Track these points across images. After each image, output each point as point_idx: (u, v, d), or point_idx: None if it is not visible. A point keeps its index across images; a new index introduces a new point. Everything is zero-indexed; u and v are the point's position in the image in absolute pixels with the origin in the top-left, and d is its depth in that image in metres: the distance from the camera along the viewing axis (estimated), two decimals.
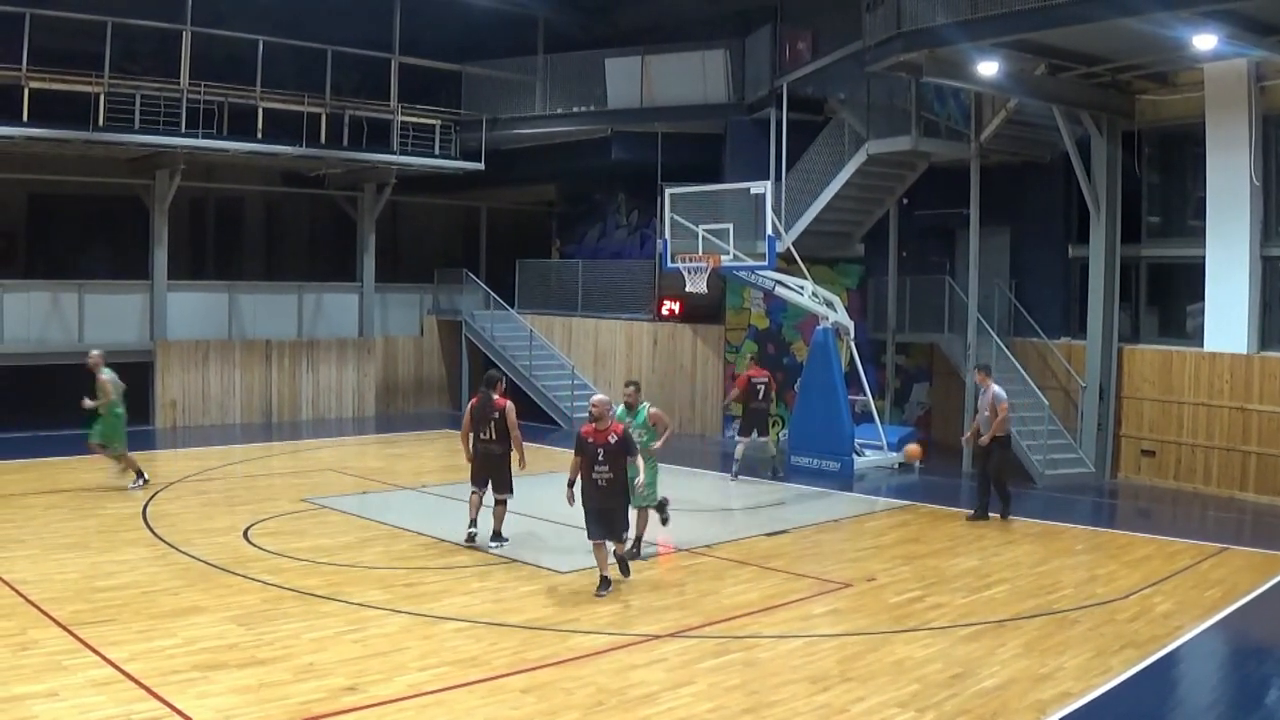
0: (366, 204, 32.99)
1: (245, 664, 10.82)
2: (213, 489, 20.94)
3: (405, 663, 10.96)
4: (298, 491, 20.40)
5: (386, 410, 33.20)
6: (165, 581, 13.86)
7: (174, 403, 29.33)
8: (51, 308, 28.53)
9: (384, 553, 15.79)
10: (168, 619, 12.20)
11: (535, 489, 17.68)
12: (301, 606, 12.84)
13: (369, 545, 16.26)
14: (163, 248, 29.56)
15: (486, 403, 16.01)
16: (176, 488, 20.56)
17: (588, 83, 31.60)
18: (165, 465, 23.19)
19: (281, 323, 31.96)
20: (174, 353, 29.59)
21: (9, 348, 27.59)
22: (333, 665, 10.82)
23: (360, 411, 32.48)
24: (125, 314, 29.61)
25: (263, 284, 32.55)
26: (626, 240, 33.67)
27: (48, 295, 28.53)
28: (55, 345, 28.01)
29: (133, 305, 29.68)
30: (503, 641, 11.69)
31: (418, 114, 31.67)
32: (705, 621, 12.55)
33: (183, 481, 21.26)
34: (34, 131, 26.41)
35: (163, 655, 11.00)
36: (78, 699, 9.85)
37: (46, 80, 26.39)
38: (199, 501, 19.56)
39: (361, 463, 24.53)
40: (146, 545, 15.97)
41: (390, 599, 13.19)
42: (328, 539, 16.56)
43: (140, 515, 17.88)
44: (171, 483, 21.06)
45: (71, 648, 11.18)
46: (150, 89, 27.64)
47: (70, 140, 27.06)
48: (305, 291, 32.58)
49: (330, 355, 32.14)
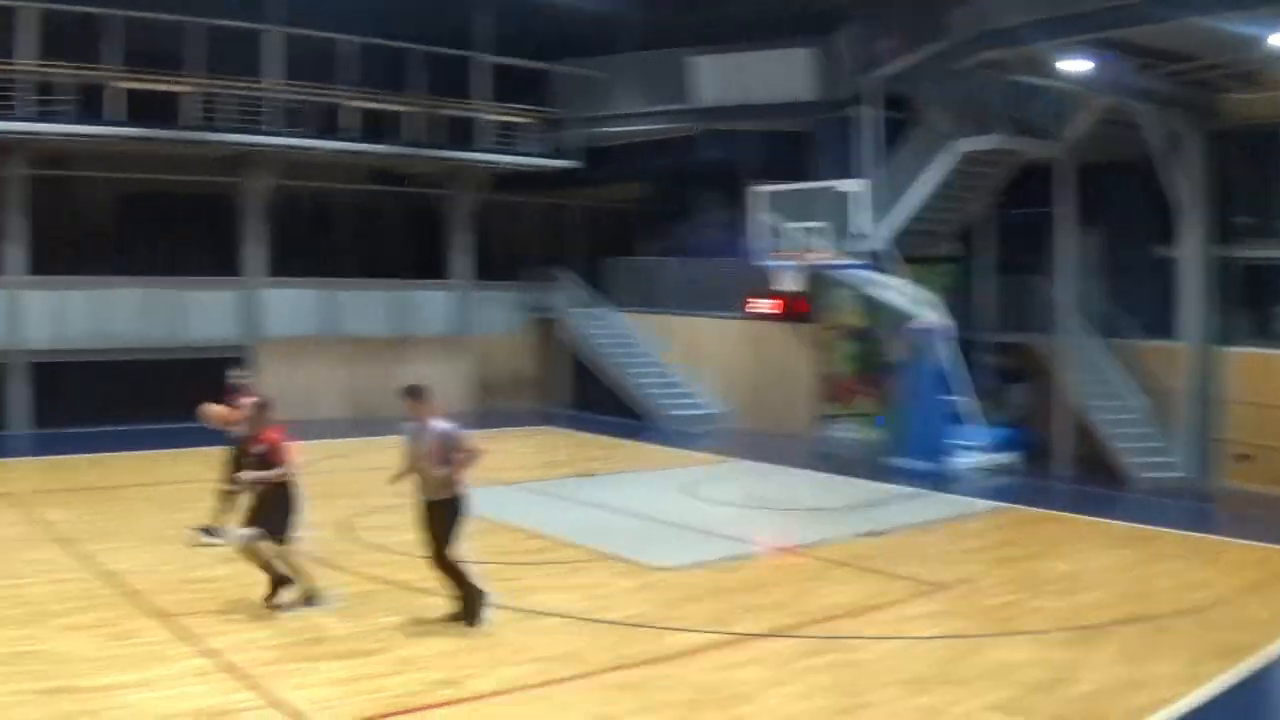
0: (458, 202, 33.29)
1: (343, 656, 11.03)
2: (310, 483, 21.02)
3: (502, 658, 11.07)
4: (394, 488, 20.54)
5: (484, 407, 33.23)
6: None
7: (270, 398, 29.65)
8: (149, 305, 29.13)
9: (483, 546, 15.56)
10: (269, 610, 12.43)
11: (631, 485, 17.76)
12: (400, 599, 13.03)
13: (466, 539, 16.40)
14: (255, 245, 30.16)
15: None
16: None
17: (673, 80, 31.58)
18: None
19: (377, 320, 32.35)
20: (271, 349, 30.04)
21: (112, 343, 28.15)
22: (430, 659, 10.96)
23: (455, 408, 32.35)
24: (222, 310, 30.19)
25: (358, 281, 32.90)
26: (716, 238, 33.72)
27: (145, 292, 29.14)
28: (155, 341, 28.62)
29: (229, 302, 30.23)
30: (600, 638, 11.76)
31: (507, 112, 31.91)
32: (802, 621, 12.56)
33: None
34: (125, 131, 27.11)
35: (263, 646, 11.24)
36: (177, 688, 10.08)
37: (137, 80, 26.93)
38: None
39: None
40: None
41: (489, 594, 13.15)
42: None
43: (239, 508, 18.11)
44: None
45: (171, 637, 11.43)
46: (239, 88, 28.10)
47: (160, 140, 27.63)
48: (399, 289, 32.98)
49: (425, 352, 32.39)
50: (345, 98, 29.78)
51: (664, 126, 32.20)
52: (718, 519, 18.36)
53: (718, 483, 21.66)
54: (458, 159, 31.67)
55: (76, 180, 30.14)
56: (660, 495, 19.45)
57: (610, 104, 32.76)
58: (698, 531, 17.31)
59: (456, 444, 12.17)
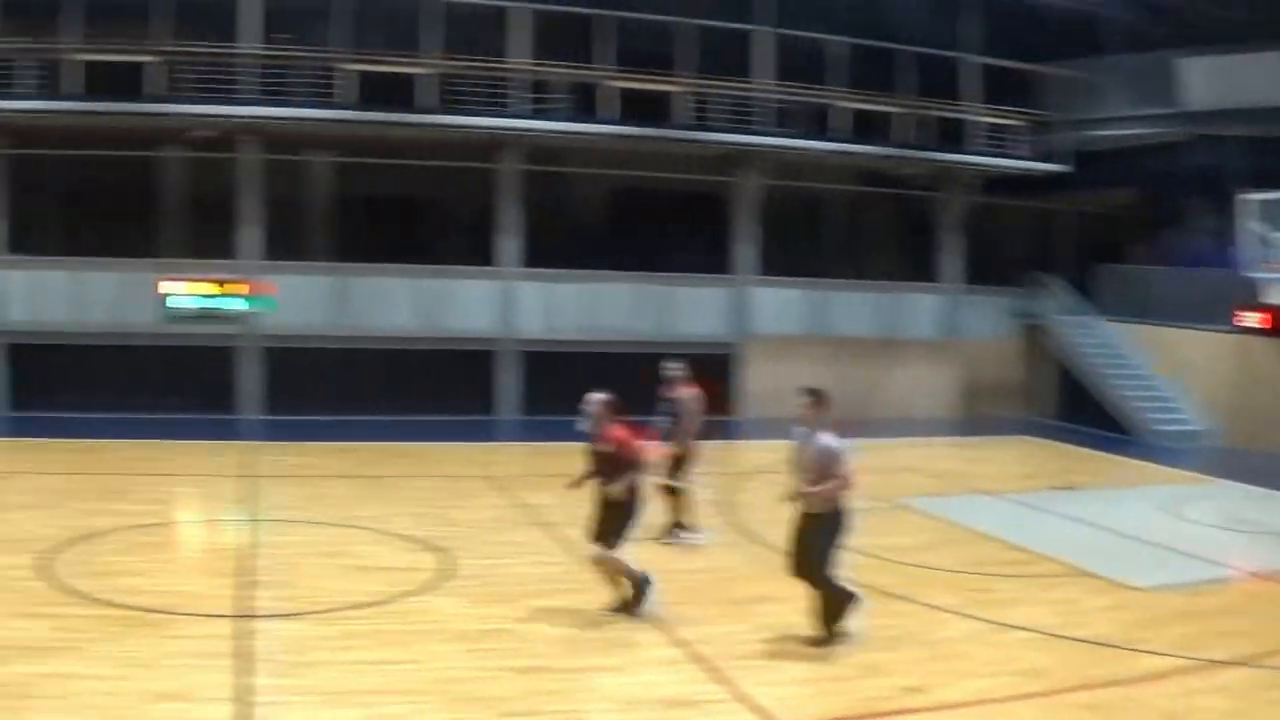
0: (949, 205, 33.26)
1: (812, 656, 11.26)
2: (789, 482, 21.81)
3: (971, 669, 11.12)
4: (877, 489, 20.40)
5: (966, 413, 33.13)
6: (742, 569, 14.70)
7: (755, 396, 30.68)
8: (638, 300, 30.52)
9: (959, 556, 15.98)
10: (741, 605, 12.94)
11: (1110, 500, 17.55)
12: (875, 604, 12.87)
13: (944, 547, 16.56)
14: (746, 244, 31.14)
15: None
16: (755, 478, 21.51)
17: (1162, 83, 30.56)
18: (744, 456, 24.44)
19: (865, 321, 32.69)
20: (758, 347, 30.95)
21: (601, 335, 29.57)
22: (898, 664, 11.08)
23: (940, 413, 32.68)
24: (710, 307, 31.25)
25: (847, 282, 33.31)
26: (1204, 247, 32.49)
27: (636, 286, 30.55)
28: (644, 335, 29.76)
29: (718, 299, 31.26)
30: (1069, 656, 11.64)
31: (996, 114, 31.74)
32: (1273, 651, 12.06)
33: (760, 473, 22.05)
34: (617, 129, 28.54)
35: (732, 640, 11.62)
36: (645, 675, 10.65)
37: (629, 80, 28.32)
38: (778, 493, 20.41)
39: (941, 464, 24.92)
40: (723, 532, 16.92)
41: (961, 603, 13.35)
42: (904, 538, 16.94)
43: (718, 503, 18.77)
44: (749, 473, 22.18)
45: (642, 625, 12.02)
46: (729, 88, 29.07)
47: (652, 138, 28.91)
48: (887, 291, 33.22)
49: (911, 356, 32.63)
50: (835, 98, 30.37)
51: (1152, 131, 31.21)
52: (1196, 540, 17.71)
53: (1199, 502, 20.85)
54: (947, 161, 31.72)
55: (569, 176, 32.01)
56: (1139, 512, 19.09)
57: (1098, 107, 32.06)
58: (1174, 551, 16.81)
59: (835, 465, 11.40)
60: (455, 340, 29.54)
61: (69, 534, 15.59)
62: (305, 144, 30.10)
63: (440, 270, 29.99)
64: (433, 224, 33.14)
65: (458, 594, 12.37)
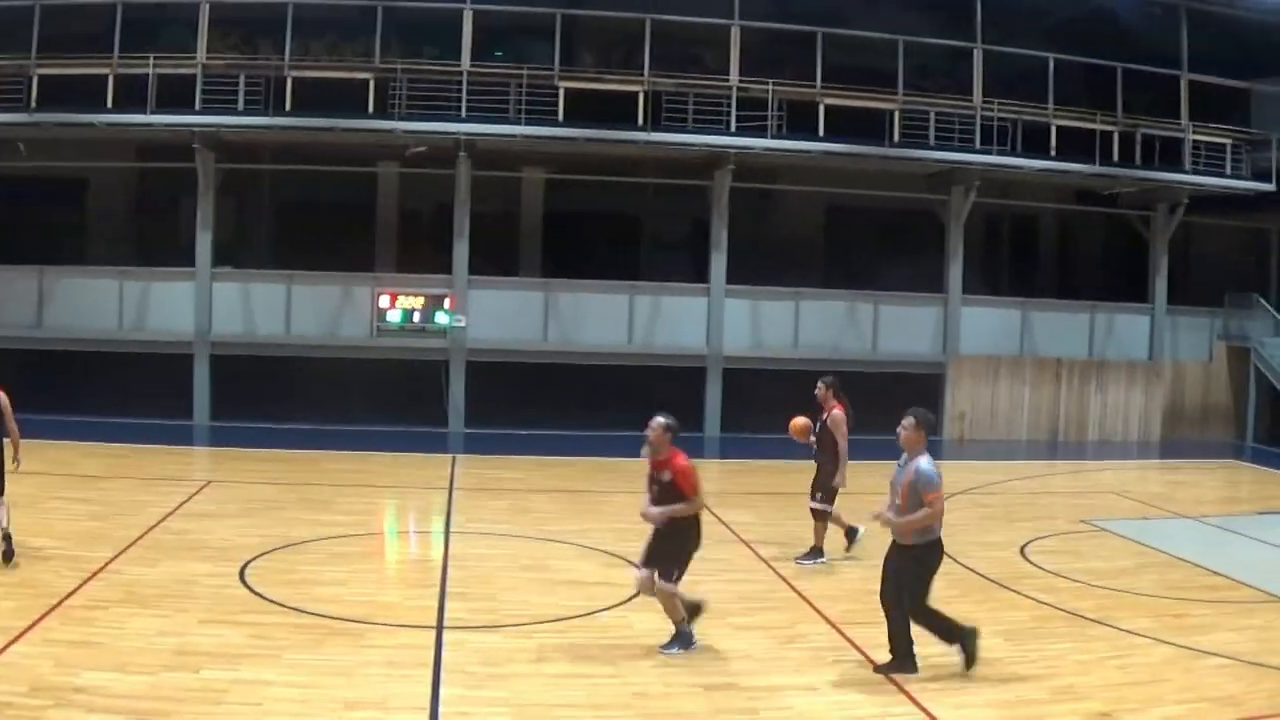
0: (1158, 224, 32.77)
1: (1006, 679, 11.26)
2: (994, 503, 21.88)
3: (1162, 694, 10.99)
4: (1077, 512, 20.81)
5: (1171, 436, 32.59)
6: (940, 590, 14.58)
7: (963, 415, 30.69)
8: (848, 317, 30.70)
9: (1157, 580, 15.83)
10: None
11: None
12: (1069, 627, 13.18)
13: (1143, 572, 16.39)
14: (957, 262, 31.12)
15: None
16: (959, 499, 21.52)
17: None
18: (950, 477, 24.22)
19: (1072, 342, 32.39)
20: (965, 366, 30.96)
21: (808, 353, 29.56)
22: (1092, 689, 11.03)
23: (1145, 436, 32.22)
24: (919, 326, 31.30)
25: (1054, 302, 33.12)
26: None
27: (844, 305, 30.73)
28: (850, 353, 30.04)
29: (926, 318, 31.31)
30: (1264, 684, 11.51)
31: (1209, 132, 31.24)
32: None
33: (965, 494, 22.32)
34: (831, 146, 28.73)
35: (928, 662, 11.48)
36: (837, 695, 10.74)
37: (841, 97, 28.62)
38: (980, 514, 20.51)
39: (1143, 487, 24.57)
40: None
41: (1156, 628, 13.22)
42: (1102, 562, 16.81)
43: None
44: (954, 494, 22.19)
45: (838, 644, 12.16)
46: (944, 106, 29.19)
47: (868, 156, 29.09)
48: (1096, 311, 32.86)
49: (1119, 377, 32.25)
50: (1049, 116, 30.26)
51: None
52: None
53: None
54: (1160, 180, 31.32)
55: (778, 193, 32.44)
56: None
57: None
58: None
59: (928, 491, 10.98)
60: (662, 356, 30.10)
61: (270, 543, 16.26)
62: (518, 160, 30.97)
63: (649, 287, 30.60)
64: (641, 240, 33.81)
65: (656, 610, 12.46)
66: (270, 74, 27.83)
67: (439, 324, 29.16)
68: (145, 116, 27.49)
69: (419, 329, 29.31)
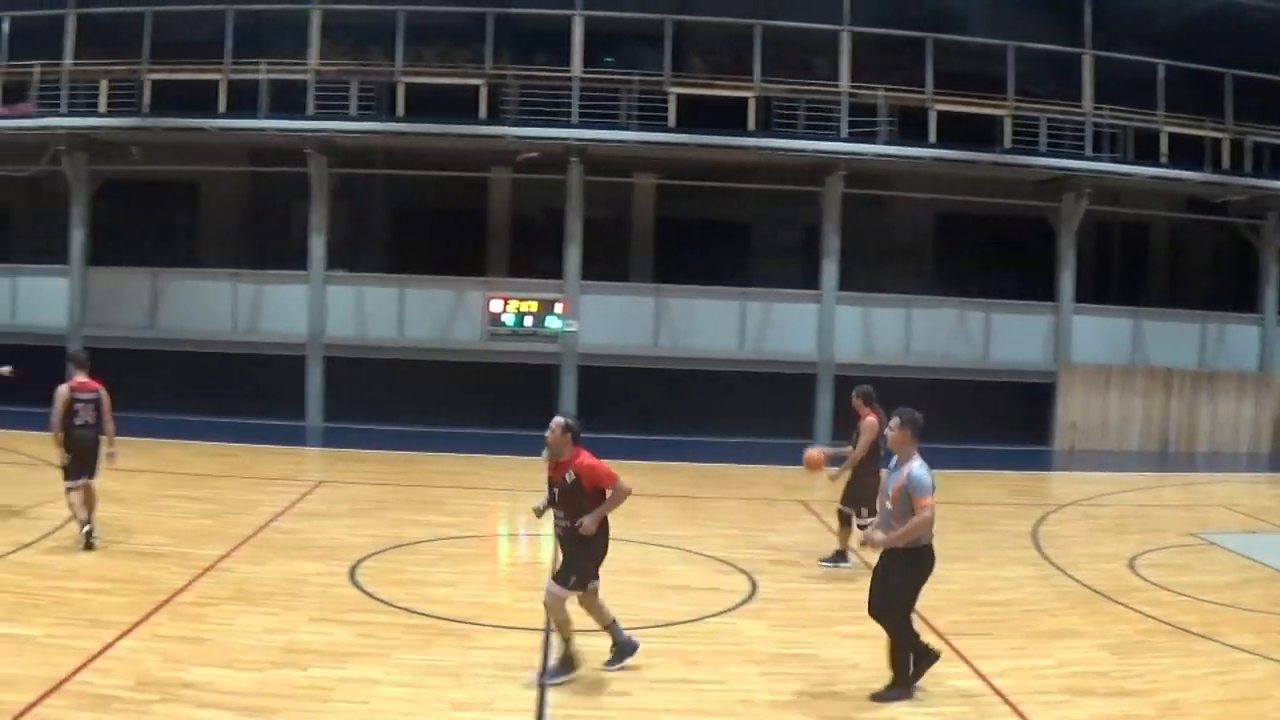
0: (1268, 233, 32.42)
1: (1111, 693, 11.16)
2: (1103, 515, 21.75)
3: (1266, 712, 10.89)
4: (1187, 525, 20.63)
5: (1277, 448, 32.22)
6: (1046, 602, 14.69)
7: (1074, 425, 30.53)
8: (958, 325, 30.70)
9: (1263, 596, 15.64)
10: (1043, 639, 12.88)
11: None
12: (1175, 642, 13.06)
13: (1250, 587, 16.20)
14: (1069, 270, 30.98)
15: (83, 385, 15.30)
16: (1068, 510, 21.64)
17: None
18: (1059, 488, 24.47)
19: (1182, 352, 32.09)
20: (1077, 376, 30.79)
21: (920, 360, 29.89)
22: (1196, 706, 10.88)
23: (1255, 447, 31.81)
24: (1030, 334, 31.15)
25: (1166, 311, 32.81)
26: None
27: (954, 312, 30.74)
28: (961, 361, 30.15)
29: (1037, 326, 31.18)
30: None
31: None
32: None
33: (1075, 505, 22.30)
34: (941, 153, 28.86)
35: (1033, 674, 11.62)
36: (940, 707, 10.69)
37: (953, 103, 28.68)
38: (1089, 526, 20.46)
39: (1251, 501, 24.30)
40: (1032, 564, 17.01)
41: (1262, 644, 13.06)
42: (1210, 576, 16.66)
43: (1030, 534, 19.02)
44: (1064, 505, 22.24)
45: (945, 655, 11.93)
46: (1054, 112, 29.11)
47: (978, 162, 29.11)
48: (1208, 321, 32.55)
49: (1229, 388, 31.86)
50: (1159, 122, 30.10)
51: None
52: None
53: None
54: (1270, 188, 30.96)
55: (889, 199, 32.51)
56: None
57: None
58: None
59: (920, 497, 10.51)
60: (773, 363, 30.32)
61: (380, 543, 16.64)
62: (629, 166, 31.32)
63: (760, 293, 30.81)
64: (751, 246, 33.99)
65: (763, 616, 12.61)
66: (382, 79, 28.53)
67: (551, 328, 29.57)
68: (257, 121, 28.38)
69: (531, 333, 29.78)
